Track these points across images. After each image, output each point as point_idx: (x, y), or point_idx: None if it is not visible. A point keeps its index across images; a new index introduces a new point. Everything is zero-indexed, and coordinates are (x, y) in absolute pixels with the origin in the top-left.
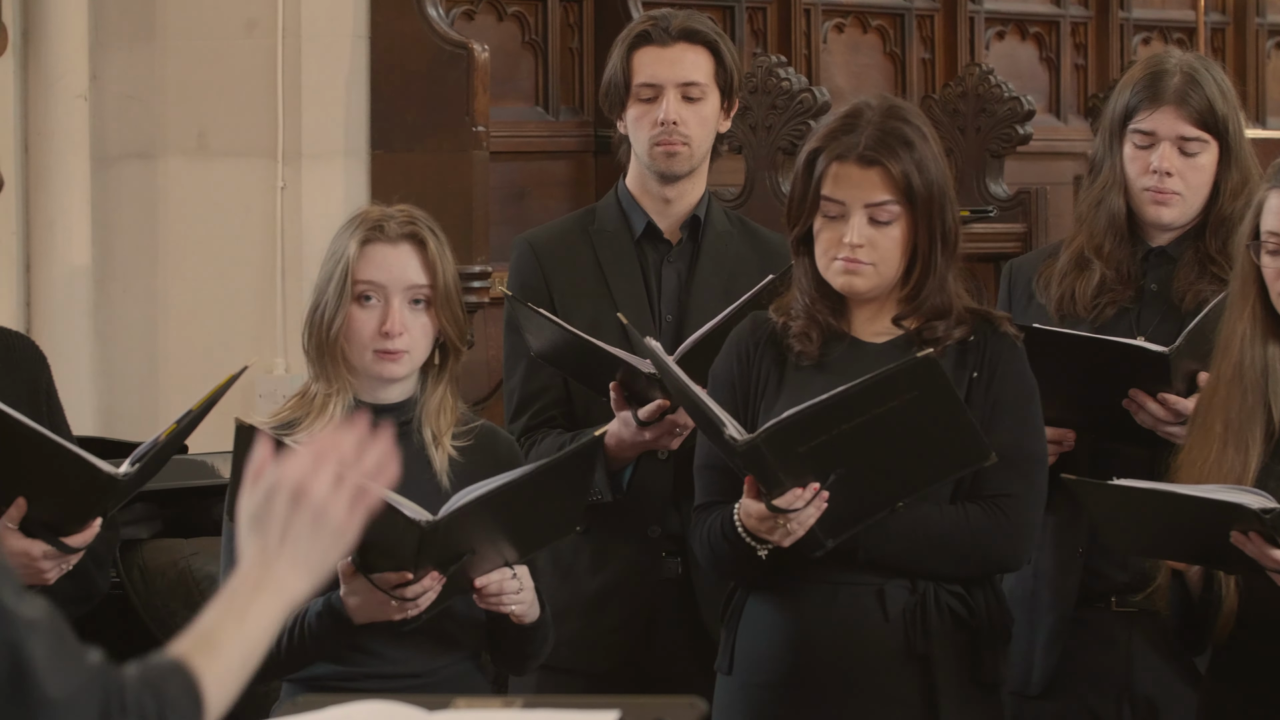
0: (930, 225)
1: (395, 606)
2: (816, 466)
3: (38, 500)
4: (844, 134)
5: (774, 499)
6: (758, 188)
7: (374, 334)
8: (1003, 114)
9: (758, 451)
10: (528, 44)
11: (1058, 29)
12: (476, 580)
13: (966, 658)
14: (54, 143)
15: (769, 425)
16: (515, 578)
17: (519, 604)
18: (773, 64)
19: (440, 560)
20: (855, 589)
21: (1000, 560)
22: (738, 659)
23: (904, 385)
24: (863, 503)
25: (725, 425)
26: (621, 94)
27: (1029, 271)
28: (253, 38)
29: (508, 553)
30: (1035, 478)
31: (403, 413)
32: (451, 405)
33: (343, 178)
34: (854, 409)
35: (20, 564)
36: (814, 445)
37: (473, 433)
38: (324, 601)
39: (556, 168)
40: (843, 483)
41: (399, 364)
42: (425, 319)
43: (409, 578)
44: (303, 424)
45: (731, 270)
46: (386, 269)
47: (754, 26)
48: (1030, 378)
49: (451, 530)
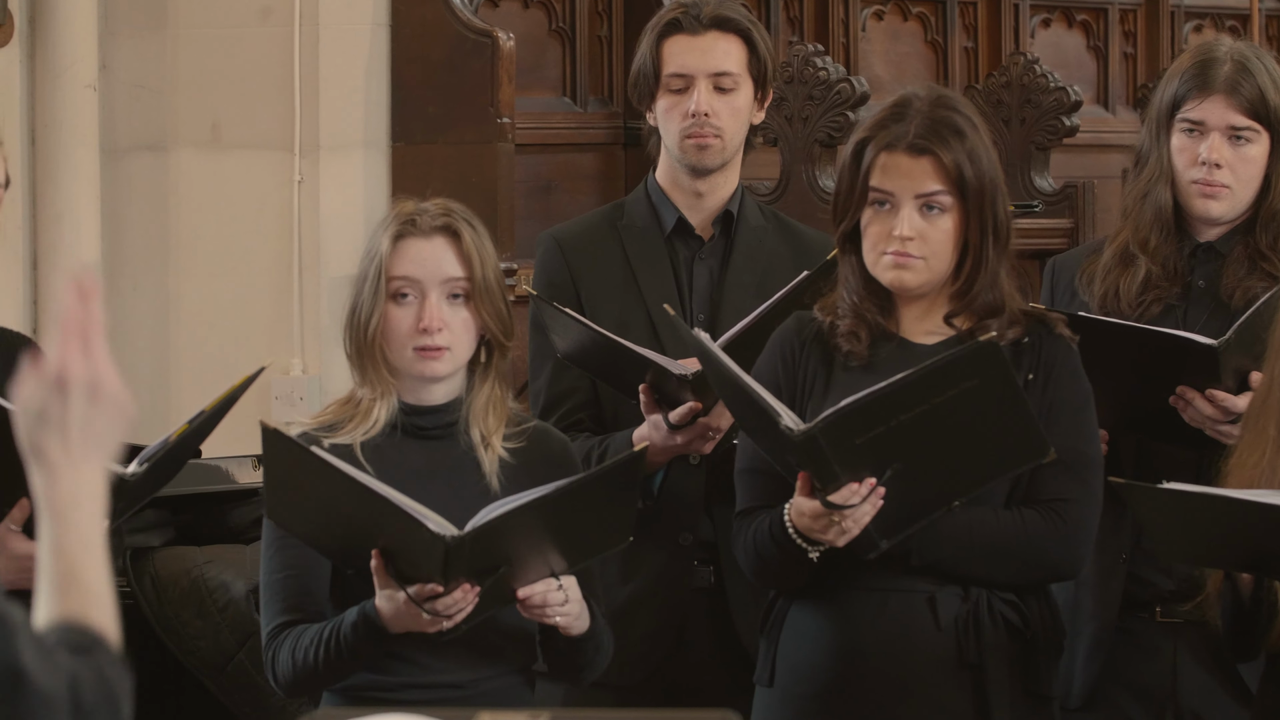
0: (982, 218)
1: (428, 619)
2: (873, 460)
3: None
4: (893, 123)
5: (829, 495)
6: (793, 182)
7: (411, 331)
8: (1048, 105)
9: (814, 443)
10: (554, 32)
11: (1106, 16)
12: (519, 591)
13: (1019, 668)
14: (62, 134)
15: (827, 415)
16: (561, 589)
17: (564, 615)
18: (809, 53)
19: (473, 572)
20: (906, 596)
21: (1057, 567)
22: (779, 669)
23: (965, 372)
24: (919, 501)
25: (781, 416)
26: (651, 84)
27: (1072, 268)
28: (268, 25)
29: (554, 562)
30: (1092, 483)
31: (448, 414)
32: (501, 404)
33: (362, 171)
34: (913, 398)
35: (25, 568)
36: (871, 437)
37: (525, 433)
38: (359, 611)
39: (584, 161)
40: (899, 478)
41: (440, 361)
42: (465, 314)
43: (439, 590)
44: (344, 428)
45: (765, 267)
46: (420, 263)
47: (790, 13)
48: (1085, 381)
49: (480, 544)
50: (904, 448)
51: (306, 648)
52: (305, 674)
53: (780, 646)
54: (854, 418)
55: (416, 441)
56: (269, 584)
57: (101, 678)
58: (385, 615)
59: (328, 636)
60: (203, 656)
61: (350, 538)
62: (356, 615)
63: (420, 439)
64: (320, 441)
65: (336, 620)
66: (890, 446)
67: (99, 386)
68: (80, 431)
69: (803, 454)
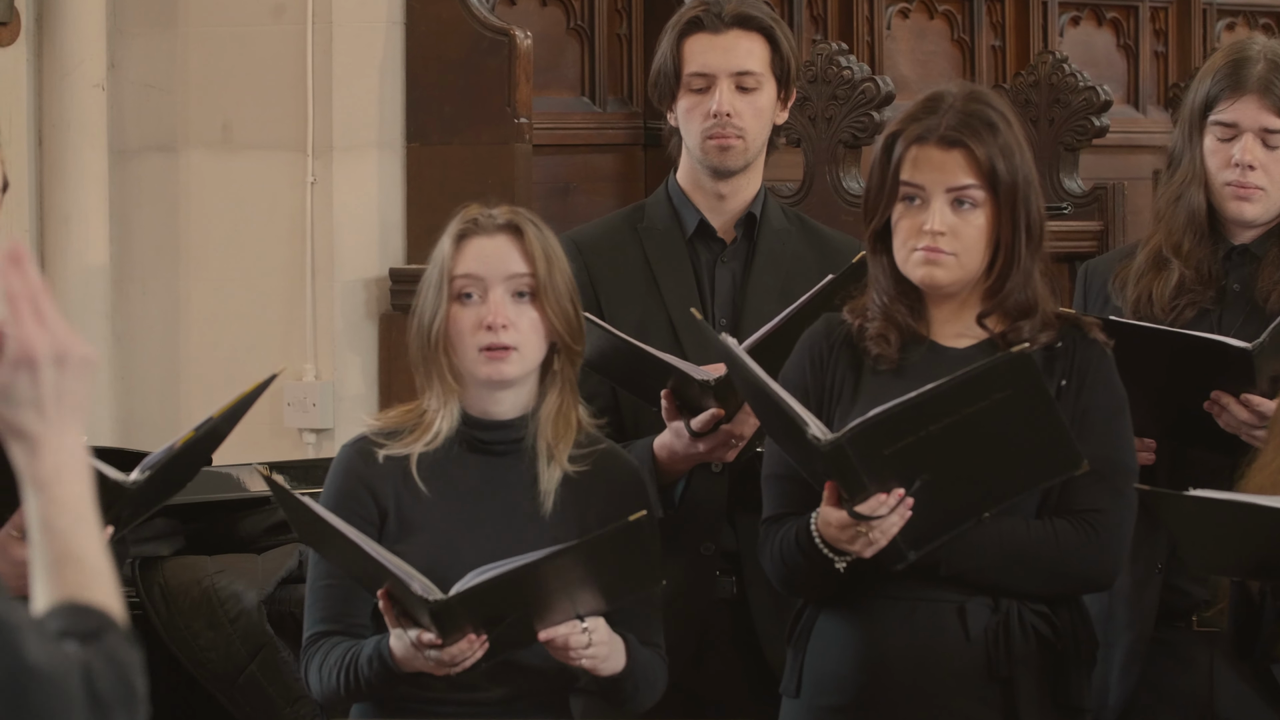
0: (1014, 215)
1: (434, 665)
2: (902, 471)
3: None
4: (925, 116)
5: (856, 505)
6: (817, 183)
7: (475, 328)
8: (1078, 105)
9: (842, 453)
10: (573, 30)
11: (1136, 14)
12: (540, 634)
13: (1050, 680)
14: (69, 135)
15: (855, 424)
16: (585, 631)
17: (589, 658)
18: (833, 51)
19: (477, 623)
20: (935, 606)
21: (1090, 578)
22: (806, 680)
23: (997, 383)
24: (948, 512)
25: (808, 425)
26: (672, 84)
27: (1105, 273)
28: (281, 23)
29: (582, 604)
30: (1126, 492)
31: (514, 430)
32: (571, 416)
33: (376, 172)
34: (944, 408)
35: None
36: (901, 447)
37: (591, 455)
38: (375, 646)
39: (603, 162)
40: (928, 489)
41: (508, 362)
42: (533, 313)
43: (439, 641)
44: (405, 437)
45: (789, 271)
46: (483, 260)
47: (813, 11)
48: (1120, 388)
49: (469, 604)
50: (933, 458)
51: (331, 669)
52: (330, 692)
53: (808, 657)
54: (883, 428)
55: (476, 456)
56: (312, 590)
57: (113, 662)
58: (397, 655)
59: (348, 662)
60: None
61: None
62: (372, 650)
63: (481, 454)
64: (375, 452)
65: (356, 649)
66: (919, 457)
67: (65, 353)
68: (56, 402)
69: (830, 463)
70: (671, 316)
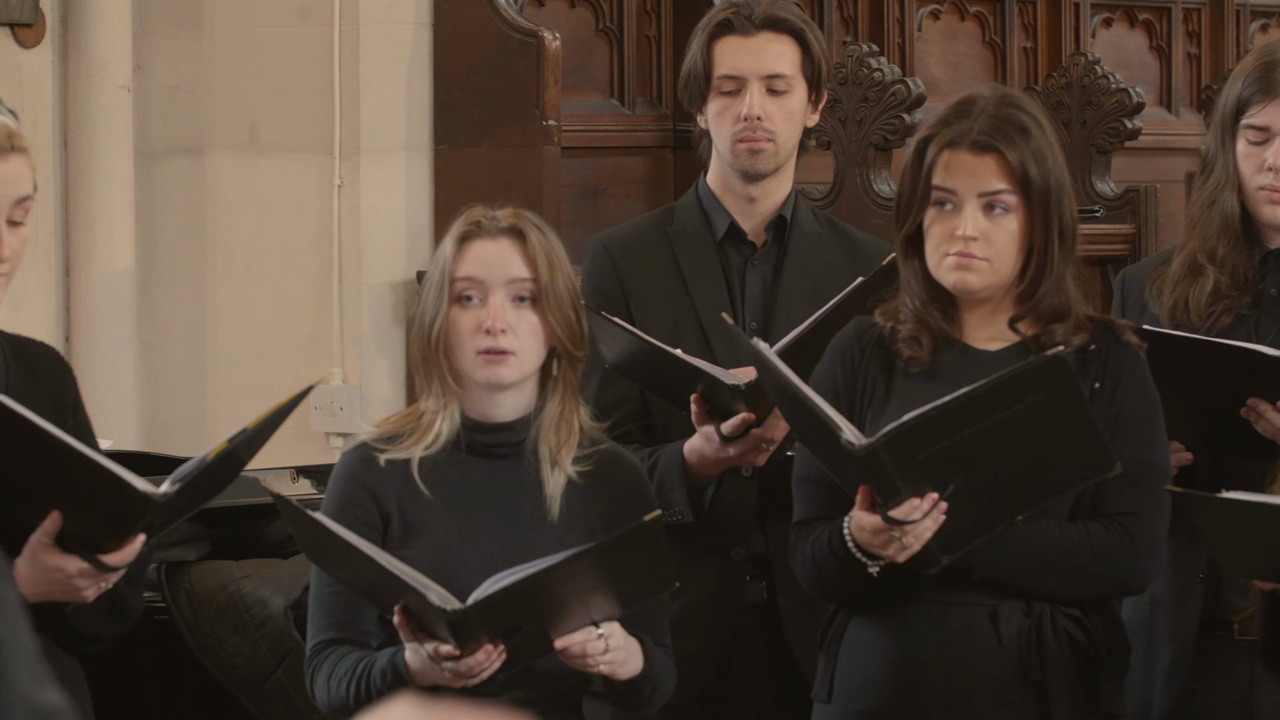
0: (1047, 219)
1: (450, 677)
2: (936, 475)
3: (73, 516)
4: (956, 120)
5: (890, 510)
6: (848, 186)
7: (474, 331)
8: (1110, 107)
9: (876, 458)
10: (602, 32)
11: (1169, 15)
12: (556, 642)
13: (1084, 686)
14: (95, 137)
15: (889, 429)
16: (601, 637)
17: (607, 664)
18: (864, 53)
19: (493, 634)
20: (967, 610)
21: (1124, 582)
22: (838, 685)
23: (1031, 387)
24: (981, 516)
25: (842, 429)
26: (702, 86)
27: (1142, 280)
28: (307, 25)
29: (595, 611)
30: (1160, 495)
31: (515, 433)
32: (574, 420)
33: (403, 175)
34: (978, 412)
35: (55, 580)
36: (935, 451)
37: (594, 456)
38: (389, 659)
39: (632, 164)
40: (962, 494)
41: (505, 366)
42: (533, 318)
43: (456, 652)
44: (405, 441)
45: (820, 274)
46: (484, 264)
47: (844, 13)
48: (1154, 390)
49: (487, 614)
50: (967, 462)
51: (341, 678)
52: (338, 702)
53: (839, 662)
54: (917, 432)
55: (478, 460)
56: (317, 597)
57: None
58: (413, 669)
59: (360, 674)
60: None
61: (376, 593)
62: (386, 662)
63: (483, 457)
64: (378, 455)
65: (369, 660)
66: (953, 461)
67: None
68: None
69: (863, 468)
70: (702, 320)
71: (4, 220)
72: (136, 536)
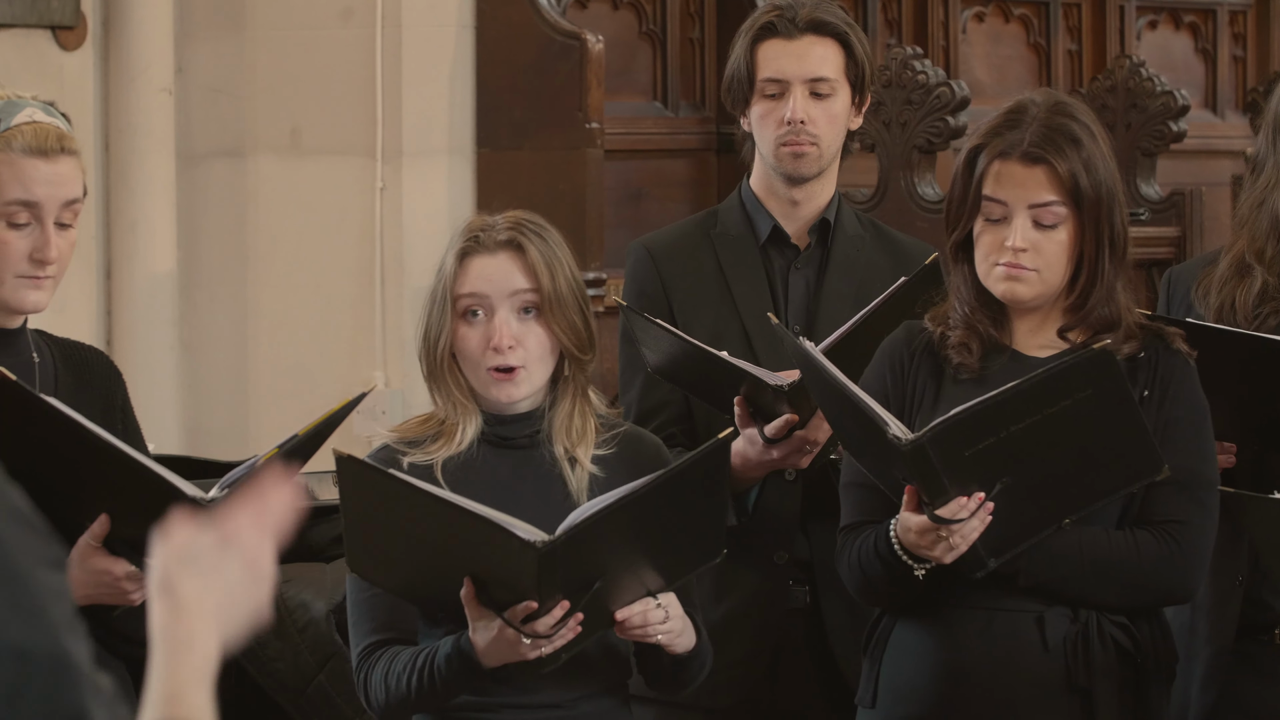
0: (1098, 229)
1: (528, 645)
2: (983, 473)
3: (121, 519)
4: (1007, 130)
5: (936, 509)
6: (891, 189)
7: (482, 348)
8: (1155, 110)
9: (923, 453)
10: (645, 34)
11: (1214, 18)
12: (617, 614)
13: (1130, 693)
14: (136, 140)
15: (936, 424)
16: (660, 606)
17: (666, 633)
18: (908, 56)
19: (568, 587)
20: (1013, 616)
21: (1171, 591)
22: (882, 691)
23: (1079, 381)
24: (1029, 518)
25: (888, 425)
26: (745, 90)
27: (1188, 280)
28: (349, 27)
29: (650, 581)
30: (1209, 504)
31: (532, 423)
32: (587, 419)
33: (446, 177)
34: (1025, 408)
35: (103, 582)
36: (981, 448)
37: (615, 439)
38: (453, 644)
39: (675, 167)
40: (1009, 494)
41: (516, 384)
42: (539, 330)
43: (534, 607)
44: (425, 446)
45: (863, 278)
46: (486, 279)
47: (888, 15)
48: (1203, 398)
49: (573, 550)
50: (1014, 461)
51: (400, 674)
52: (398, 701)
53: (883, 667)
54: (964, 427)
55: (501, 452)
56: (357, 602)
57: None
58: (480, 648)
59: (421, 665)
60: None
61: (437, 572)
62: (450, 648)
63: (505, 449)
64: (400, 460)
65: (431, 649)
66: (1000, 459)
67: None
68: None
69: (910, 465)
70: (745, 323)
71: (52, 222)
72: None
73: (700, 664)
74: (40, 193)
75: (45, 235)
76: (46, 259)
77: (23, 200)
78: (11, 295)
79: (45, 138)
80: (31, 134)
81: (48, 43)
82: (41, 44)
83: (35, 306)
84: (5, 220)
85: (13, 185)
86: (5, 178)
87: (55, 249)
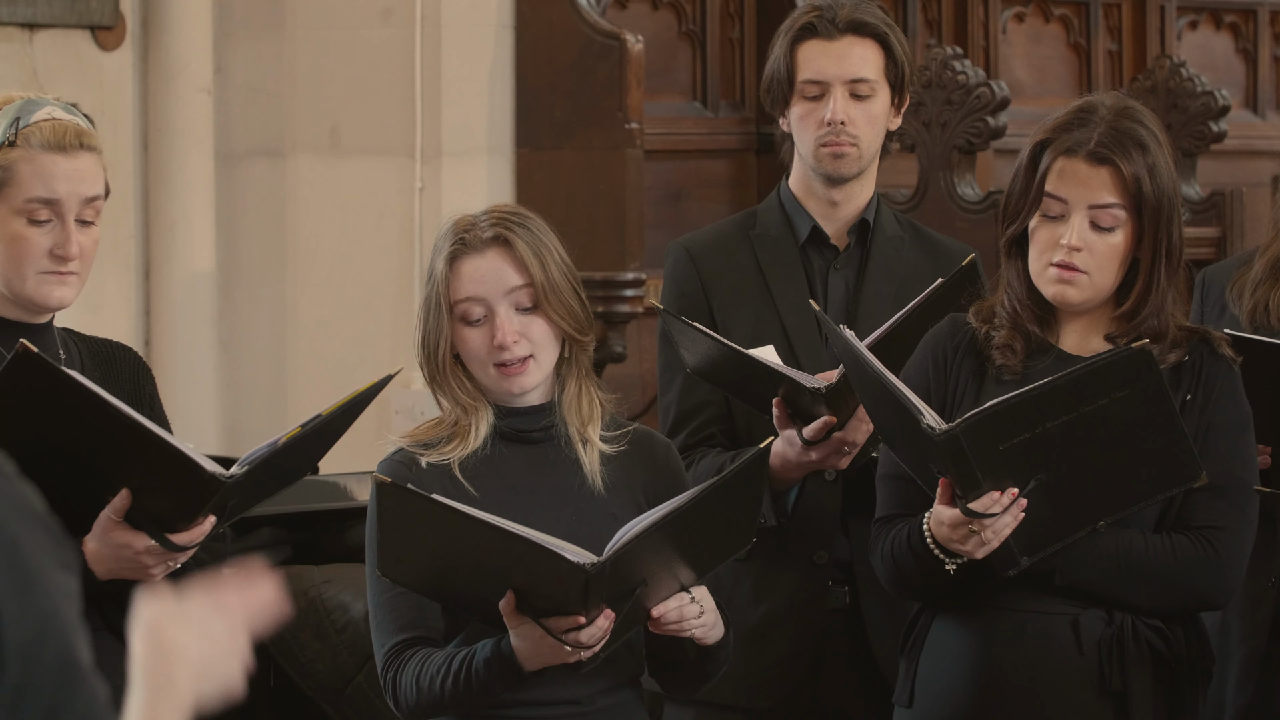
0: (1155, 237)
1: (569, 651)
2: (1017, 469)
3: (143, 494)
4: (1075, 128)
5: (969, 502)
6: (931, 189)
7: (488, 349)
8: (1195, 110)
9: (956, 444)
10: (685, 34)
11: (1255, 18)
12: (654, 610)
13: (1165, 697)
14: (175, 139)
15: (971, 415)
16: (694, 601)
17: (701, 627)
18: (948, 56)
19: (612, 596)
20: (1048, 618)
21: (1207, 596)
22: (919, 691)
23: (1117, 380)
24: (1062, 517)
25: (923, 414)
26: (785, 90)
27: (1223, 281)
28: (389, 27)
29: (683, 575)
30: (1247, 510)
31: (545, 415)
32: (593, 397)
33: (485, 177)
34: (1061, 404)
35: (124, 557)
36: (1015, 443)
37: (626, 436)
38: (493, 646)
39: (715, 167)
40: (1043, 491)
41: (525, 375)
42: (540, 320)
43: (581, 621)
44: (441, 447)
45: (903, 278)
46: (479, 280)
47: (928, 15)
48: (1246, 404)
49: (619, 567)
50: (1049, 458)
51: (434, 676)
52: (430, 702)
53: (920, 667)
54: (998, 420)
55: (517, 446)
56: (380, 603)
57: None
58: (522, 653)
59: (458, 668)
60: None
61: (474, 583)
62: (490, 652)
63: (520, 443)
64: (419, 461)
65: (468, 653)
66: (1035, 455)
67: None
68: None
69: (944, 455)
70: (784, 323)
71: (73, 219)
72: (206, 518)
73: (725, 656)
74: (60, 189)
75: (66, 231)
76: (68, 255)
77: (43, 198)
78: (35, 291)
79: (64, 134)
80: (50, 130)
81: (87, 43)
82: (81, 44)
83: (60, 302)
84: (26, 217)
85: (33, 182)
86: (25, 174)
87: (76, 245)
